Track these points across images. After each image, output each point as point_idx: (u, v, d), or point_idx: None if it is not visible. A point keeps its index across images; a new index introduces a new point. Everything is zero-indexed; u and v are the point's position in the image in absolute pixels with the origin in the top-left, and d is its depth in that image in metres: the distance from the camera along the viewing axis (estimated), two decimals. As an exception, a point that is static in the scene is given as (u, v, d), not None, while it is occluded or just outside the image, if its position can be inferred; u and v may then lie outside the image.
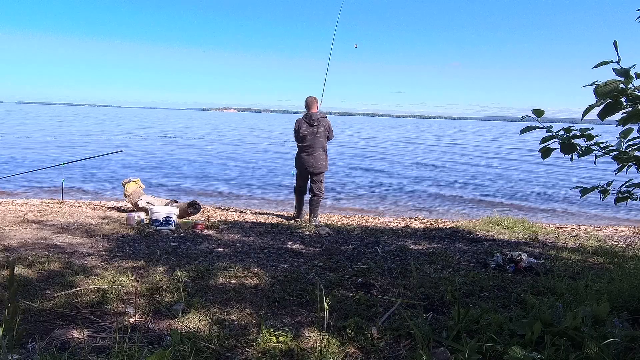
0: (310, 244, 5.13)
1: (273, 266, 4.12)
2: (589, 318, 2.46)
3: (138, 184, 7.21)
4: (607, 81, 1.98)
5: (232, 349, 2.41)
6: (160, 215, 5.70)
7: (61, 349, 2.35)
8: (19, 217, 6.01)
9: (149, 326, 2.70)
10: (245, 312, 2.94)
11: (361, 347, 2.46)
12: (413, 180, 14.76)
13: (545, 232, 6.38)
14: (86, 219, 6.19)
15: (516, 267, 4.20)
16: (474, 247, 5.24)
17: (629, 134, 2.31)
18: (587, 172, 17.13)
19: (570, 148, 2.30)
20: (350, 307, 3.03)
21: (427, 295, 3.35)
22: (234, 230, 5.85)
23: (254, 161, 18.75)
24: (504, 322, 2.46)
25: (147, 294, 3.21)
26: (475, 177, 15.81)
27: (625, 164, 2.42)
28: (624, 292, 2.99)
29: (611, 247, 5.29)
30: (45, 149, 19.95)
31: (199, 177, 13.91)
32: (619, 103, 2.03)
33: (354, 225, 6.88)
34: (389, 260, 4.48)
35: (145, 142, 26.25)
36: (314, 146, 6.96)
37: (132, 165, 15.80)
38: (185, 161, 17.84)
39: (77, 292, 3.17)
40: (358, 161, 19.72)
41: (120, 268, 3.85)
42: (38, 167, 10.80)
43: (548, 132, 2.34)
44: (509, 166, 19.95)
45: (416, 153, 25.63)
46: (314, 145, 6.95)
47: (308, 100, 7.12)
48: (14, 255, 4.11)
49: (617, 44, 1.96)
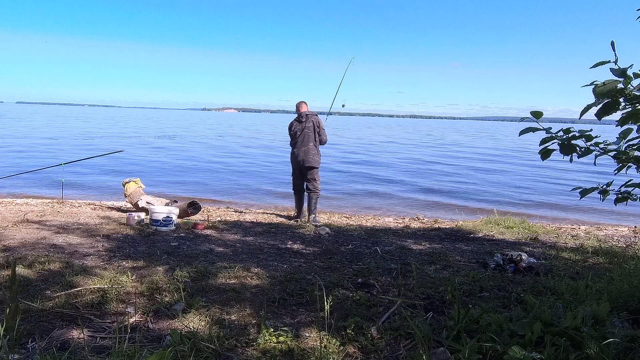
0: (310, 244, 5.13)
1: (273, 266, 4.12)
2: (589, 318, 2.46)
3: (138, 184, 7.21)
4: (605, 81, 1.98)
5: (232, 349, 2.41)
6: (160, 215, 5.70)
7: (61, 349, 2.35)
8: (19, 217, 6.01)
9: (149, 326, 2.70)
10: (245, 312, 2.94)
11: (361, 347, 2.46)
12: (413, 180, 14.76)
13: (545, 232, 6.38)
14: (86, 219, 6.19)
15: (516, 267, 4.20)
16: (474, 247, 5.24)
17: (628, 134, 2.31)
18: (576, 175, 17.13)
19: (570, 149, 2.30)
20: (350, 307, 3.03)
21: (427, 295, 3.35)
22: (234, 230, 5.86)
23: (254, 161, 18.75)
24: (504, 322, 2.46)
25: (147, 294, 3.21)
26: (476, 178, 15.81)
27: (625, 164, 2.42)
28: (624, 292, 2.99)
29: (611, 247, 5.29)
30: (45, 149, 19.95)
31: (199, 177, 13.91)
32: (617, 103, 2.04)
33: (354, 225, 6.88)
34: (389, 260, 4.48)
35: (145, 142, 26.24)
36: (303, 141, 7.21)
37: (132, 165, 15.80)
38: (185, 161, 17.84)
39: (77, 292, 3.17)
40: (358, 161, 19.72)
41: (120, 268, 3.85)
42: (38, 167, 10.80)
43: (547, 133, 2.34)
44: (509, 167, 19.95)
45: (417, 153, 25.64)
46: (304, 139, 7.20)
47: (297, 105, 7.52)
48: (14, 255, 4.11)
49: (614, 44, 1.97)
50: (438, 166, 19.08)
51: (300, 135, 7.25)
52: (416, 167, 18.60)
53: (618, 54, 1.96)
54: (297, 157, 7.28)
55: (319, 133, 7.25)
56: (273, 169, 16.14)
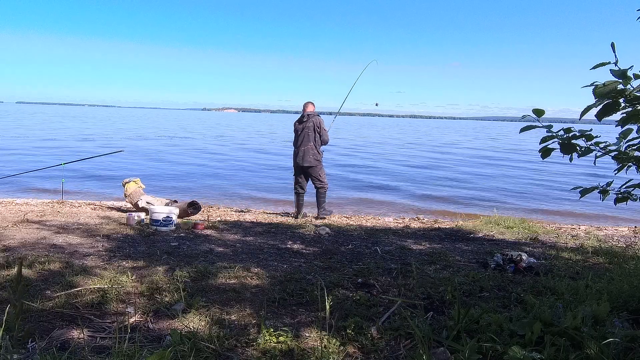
0: (310, 244, 5.13)
1: (273, 266, 4.12)
2: (589, 318, 2.45)
3: (138, 184, 7.21)
4: (605, 82, 1.98)
5: (232, 349, 2.41)
6: (160, 215, 5.70)
7: (61, 349, 2.35)
8: (19, 217, 6.01)
9: (149, 326, 2.70)
10: (245, 312, 2.94)
11: (361, 347, 2.46)
12: (413, 180, 14.76)
13: (545, 232, 6.38)
14: (86, 219, 6.19)
15: (516, 267, 4.20)
16: (474, 247, 5.24)
17: (628, 134, 2.31)
18: (576, 175, 17.13)
19: (570, 148, 2.30)
20: (350, 307, 3.03)
21: (427, 295, 3.35)
22: (234, 230, 5.86)
23: (254, 160, 18.76)
24: (504, 322, 2.46)
25: (147, 294, 3.21)
26: (476, 178, 15.81)
27: (625, 164, 2.42)
28: (624, 292, 2.99)
29: (611, 247, 5.29)
30: (45, 149, 19.96)
31: (199, 177, 13.91)
32: (617, 104, 2.04)
33: (354, 225, 6.88)
34: (389, 260, 4.48)
35: (145, 142, 26.25)
36: (303, 140, 7.40)
37: (132, 165, 15.80)
38: (185, 161, 17.84)
39: (77, 292, 3.17)
40: (359, 161, 19.72)
41: (120, 268, 3.85)
42: (38, 167, 10.80)
43: (548, 132, 2.34)
44: (509, 167, 19.95)
45: (417, 152, 25.64)
46: (303, 139, 7.39)
47: (304, 105, 7.71)
48: (14, 255, 4.11)
49: (614, 46, 1.97)
50: (438, 165, 19.08)
51: (301, 135, 7.42)
52: (417, 166, 18.60)
53: (619, 55, 1.97)
54: (296, 157, 7.47)
55: (319, 133, 7.34)
56: (273, 169, 16.14)
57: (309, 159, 7.32)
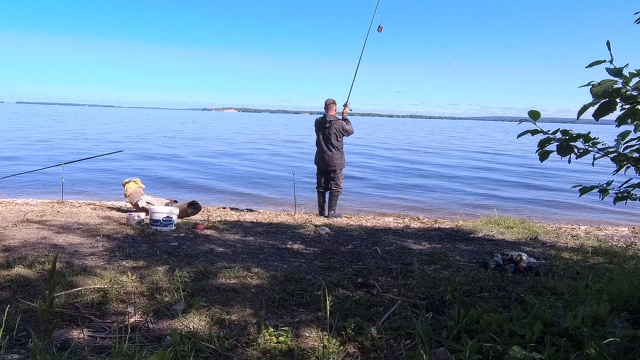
0: (310, 244, 5.13)
1: (273, 266, 4.12)
2: (589, 318, 2.46)
3: (138, 184, 7.21)
4: (601, 81, 1.98)
5: (232, 349, 2.41)
6: (160, 215, 5.70)
7: (61, 349, 2.35)
8: (19, 217, 6.01)
9: (149, 326, 2.70)
10: (245, 312, 2.94)
11: (361, 347, 2.46)
12: (414, 180, 14.76)
13: (545, 232, 6.38)
14: (86, 219, 6.19)
15: (516, 267, 4.20)
16: (474, 247, 5.24)
17: (627, 135, 2.31)
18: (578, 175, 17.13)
19: (568, 150, 2.30)
20: (350, 307, 3.03)
21: (427, 295, 3.35)
22: (234, 230, 5.85)
23: (254, 160, 18.76)
24: (504, 322, 2.46)
25: (147, 294, 3.21)
26: (476, 178, 15.82)
27: (623, 165, 2.42)
28: (624, 292, 2.99)
29: (611, 247, 5.29)
30: (45, 149, 19.96)
31: (199, 177, 13.91)
32: (613, 103, 2.04)
33: (354, 225, 6.88)
34: (389, 260, 4.48)
35: (145, 142, 26.24)
36: (327, 146, 7.70)
37: (132, 165, 15.80)
38: (185, 161, 17.84)
39: (78, 292, 3.17)
40: (358, 161, 19.73)
41: (121, 268, 3.85)
42: (38, 167, 10.80)
43: (545, 134, 2.34)
44: (507, 166, 19.96)
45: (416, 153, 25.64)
46: (327, 144, 7.69)
47: (326, 102, 7.83)
48: (14, 255, 4.11)
49: (610, 44, 1.97)
50: (439, 166, 19.09)
51: (324, 140, 7.73)
52: (417, 167, 18.61)
53: (616, 54, 1.97)
54: (320, 161, 7.81)
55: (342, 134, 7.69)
56: (273, 169, 16.14)
57: (333, 163, 7.70)
